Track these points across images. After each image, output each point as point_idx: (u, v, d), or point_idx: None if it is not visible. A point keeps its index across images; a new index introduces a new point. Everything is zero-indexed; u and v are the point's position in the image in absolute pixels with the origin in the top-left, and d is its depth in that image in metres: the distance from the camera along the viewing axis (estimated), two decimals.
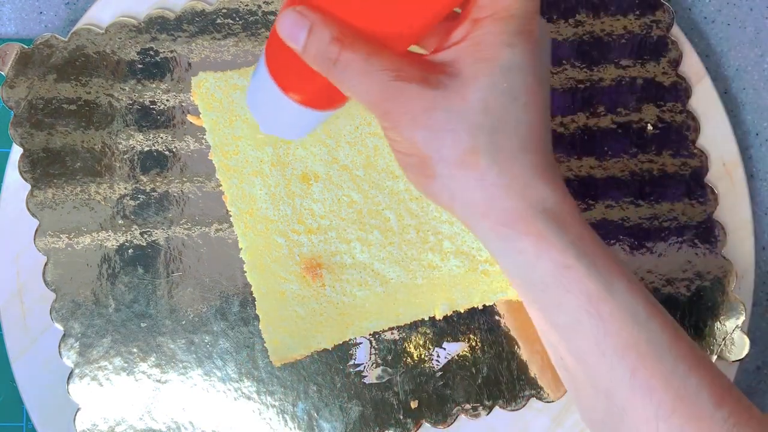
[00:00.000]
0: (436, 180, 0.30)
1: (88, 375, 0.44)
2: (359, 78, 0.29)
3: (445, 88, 0.29)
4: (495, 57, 0.29)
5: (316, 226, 0.42)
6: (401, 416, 0.44)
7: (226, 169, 0.42)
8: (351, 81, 0.29)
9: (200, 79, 0.41)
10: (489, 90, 0.29)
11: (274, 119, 0.34)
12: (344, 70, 0.29)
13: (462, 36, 0.30)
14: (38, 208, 0.44)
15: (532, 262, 0.30)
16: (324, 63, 0.29)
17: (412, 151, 0.30)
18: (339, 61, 0.29)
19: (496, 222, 0.30)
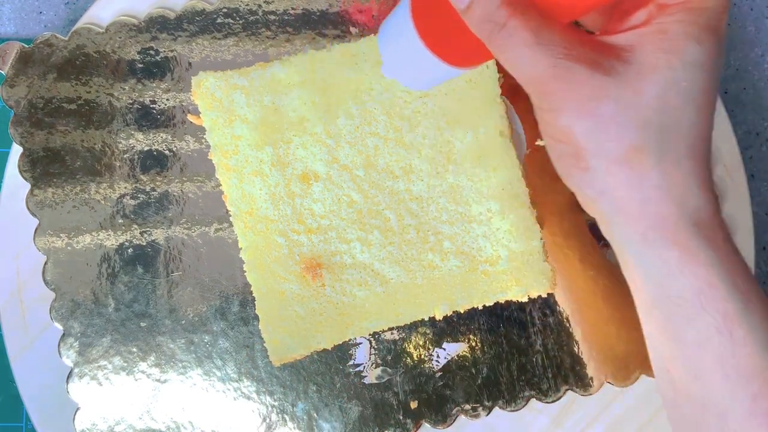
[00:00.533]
0: (588, 173, 0.28)
1: (87, 374, 0.44)
2: (524, 50, 0.26)
3: (618, 76, 0.27)
4: (680, 50, 0.26)
5: (316, 226, 0.42)
6: (401, 416, 0.44)
7: (225, 169, 0.42)
8: (514, 51, 0.26)
9: (200, 79, 0.41)
10: (667, 86, 0.26)
11: (403, 65, 0.32)
12: (509, 38, 0.26)
13: (644, 20, 0.27)
14: (38, 207, 0.44)
15: (674, 273, 0.28)
16: (487, 27, 0.26)
17: (566, 139, 0.28)
18: (506, 27, 0.26)
19: (646, 226, 0.28)
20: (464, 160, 0.41)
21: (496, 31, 0.26)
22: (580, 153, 0.28)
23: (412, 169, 0.41)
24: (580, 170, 0.28)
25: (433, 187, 0.41)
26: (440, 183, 0.41)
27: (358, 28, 0.44)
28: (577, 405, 0.45)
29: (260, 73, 0.41)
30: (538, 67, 0.27)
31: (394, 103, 0.41)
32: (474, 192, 0.41)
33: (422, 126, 0.41)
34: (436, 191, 0.41)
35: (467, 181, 0.41)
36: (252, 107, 0.41)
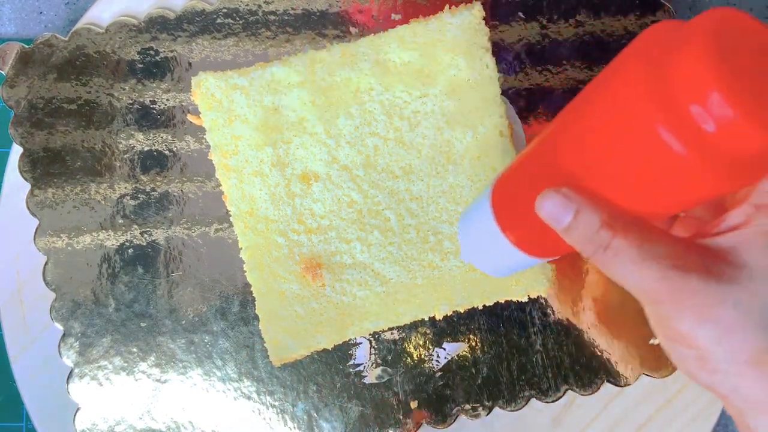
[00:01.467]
0: (717, 375, 0.28)
1: (87, 374, 0.44)
2: (631, 266, 0.27)
3: (730, 281, 0.27)
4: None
5: (316, 226, 0.42)
6: (401, 416, 0.44)
7: (225, 169, 0.42)
8: (622, 269, 0.27)
9: (200, 79, 0.41)
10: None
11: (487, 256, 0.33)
12: (615, 257, 0.27)
13: (742, 221, 0.27)
14: (38, 207, 0.44)
15: None
16: (590, 247, 0.27)
17: (688, 343, 0.28)
18: (610, 248, 0.27)
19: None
20: (464, 160, 0.41)
21: (600, 252, 0.27)
22: (706, 356, 0.28)
23: (412, 169, 0.41)
24: (708, 372, 0.28)
25: (433, 187, 0.41)
26: (440, 183, 0.41)
27: (358, 28, 0.44)
28: (576, 405, 0.45)
29: (260, 74, 0.41)
30: (648, 281, 0.27)
31: (394, 103, 0.41)
32: (474, 192, 0.41)
33: (422, 126, 0.41)
34: (436, 191, 0.41)
35: (467, 181, 0.41)
36: (252, 107, 0.41)
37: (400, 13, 0.44)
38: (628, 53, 0.26)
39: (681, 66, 0.23)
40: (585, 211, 0.27)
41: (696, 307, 0.27)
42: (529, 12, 0.44)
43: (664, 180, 0.25)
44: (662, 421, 0.45)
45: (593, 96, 0.27)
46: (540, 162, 0.30)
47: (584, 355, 0.44)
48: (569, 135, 0.28)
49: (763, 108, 0.23)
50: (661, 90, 0.24)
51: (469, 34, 0.41)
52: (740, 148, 0.24)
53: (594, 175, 0.27)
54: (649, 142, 0.24)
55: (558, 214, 0.28)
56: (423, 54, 0.41)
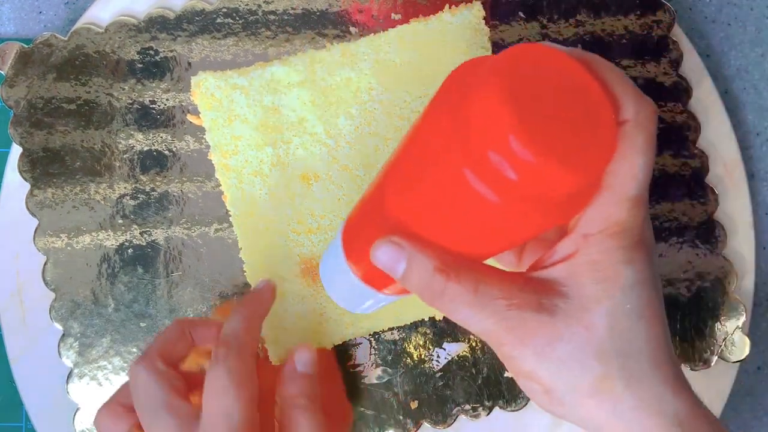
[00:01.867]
0: (564, 407, 0.29)
1: (87, 375, 0.44)
2: (469, 310, 0.27)
3: (564, 315, 0.27)
4: (615, 277, 0.27)
5: (316, 226, 0.42)
6: (401, 416, 0.44)
7: (225, 169, 0.42)
8: (460, 312, 0.28)
9: (200, 79, 0.41)
10: (613, 314, 0.27)
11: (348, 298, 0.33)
12: (451, 302, 0.27)
13: (571, 251, 0.27)
14: (38, 207, 0.44)
15: None
16: (427, 293, 0.28)
17: (534, 380, 0.28)
18: (445, 294, 0.27)
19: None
20: None
21: (437, 298, 0.27)
22: (551, 391, 0.28)
23: None
24: (556, 405, 0.29)
25: None
26: None
27: (358, 27, 0.44)
28: None
29: (260, 73, 0.41)
30: (487, 323, 0.27)
31: (394, 103, 0.41)
32: None
33: None
34: None
35: None
36: (252, 107, 0.41)
37: (400, 13, 0.44)
38: (437, 95, 0.26)
39: (476, 112, 0.23)
40: (416, 259, 0.27)
41: (534, 346, 0.27)
42: (529, 12, 0.44)
43: (485, 224, 0.25)
44: None
45: (410, 143, 0.27)
46: (374, 206, 0.29)
47: None
48: (392, 182, 0.28)
49: (563, 148, 0.23)
50: (463, 136, 0.23)
51: (469, 34, 0.41)
52: (549, 191, 0.23)
53: (420, 221, 0.27)
54: (460, 188, 0.24)
55: (392, 264, 0.28)
56: (423, 54, 0.41)
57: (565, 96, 0.24)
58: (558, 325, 0.27)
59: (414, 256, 0.27)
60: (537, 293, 0.27)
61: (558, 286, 0.27)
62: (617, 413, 0.28)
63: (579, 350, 0.27)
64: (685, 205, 0.45)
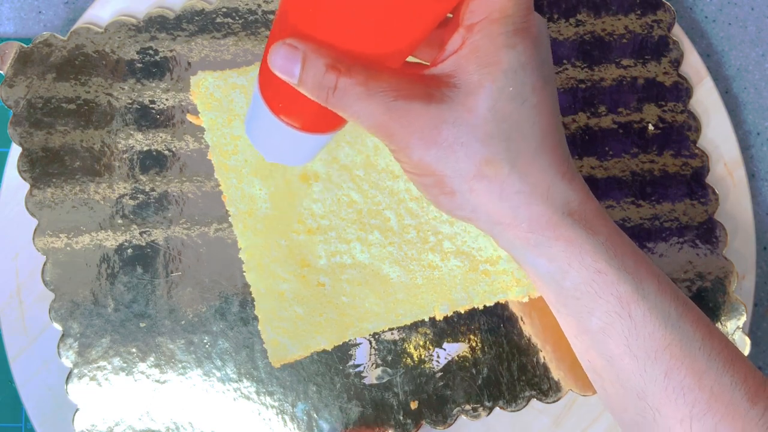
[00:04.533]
0: (455, 196, 0.29)
1: (87, 375, 0.44)
2: (359, 103, 0.28)
3: (450, 101, 0.28)
4: (497, 61, 0.28)
5: (316, 226, 0.42)
6: (401, 417, 0.44)
7: (225, 169, 0.42)
8: (352, 107, 0.28)
9: (199, 79, 0.41)
10: (496, 96, 0.28)
11: (276, 148, 0.33)
12: (343, 97, 0.28)
13: (458, 44, 0.28)
14: (37, 207, 0.44)
15: (564, 268, 0.29)
16: (321, 92, 0.28)
17: (425, 172, 0.29)
18: (337, 89, 0.28)
19: (524, 230, 0.29)
20: None
21: (330, 93, 0.28)
22: (442, 180, 0.29)
23: None
24: (447, 195, 0.30)
25: None
26: None
27: None
28: (577, 405, 0.45)
29: None
30: (376, 115, 0.28)
31: None
32: None
33: None
34: None
35: None
36: None
37: None
38: None
39: None
40: (310, 58, 0.28)
41: (420, 131, 0.28)
42: None
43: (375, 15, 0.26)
44: None
45: None
46: (276, 25, 0.30)
47: None
48: None
49: None
50: None
51: None
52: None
53: (315, 22, 0.27)
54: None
55: (288, 66, 0.28)
56: None
57: None
58: (443, 111, 0.28)
59: (308, 54, 0.28)
60: (427, 86, 0.28)
61: (447, 78, 0.28)
62: (504, 197, 0.28)
63: (463, 133, 0.28)
64: (686, 204, 0.45)
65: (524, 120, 0.28)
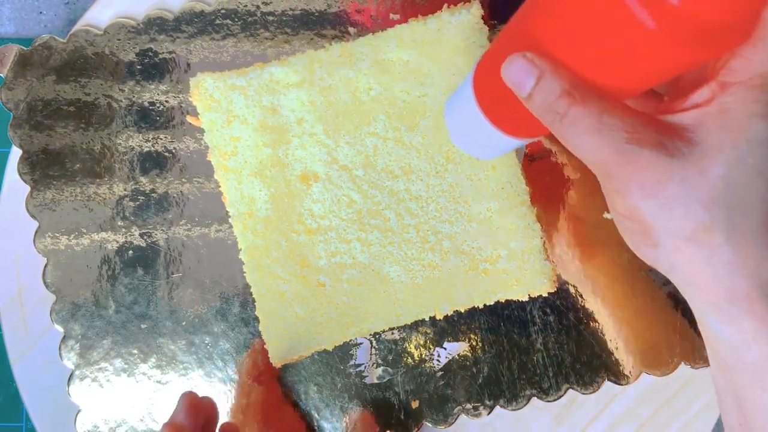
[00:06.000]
0: (657, 249, 0.28)
1: (88, 376, 0.44)
2: (587, 136, 0.27)
3: (683, 158, 0.26)
4: (744, 128, 0.26)
5: (315, 227, 0.42)
6: (402, 416, 0.44)
7: (224, 170, 0.42)
8: (577, 138, 0.27)
9: (199, 80, 0.41)
10: (733, 165, 0.26)
11: (471, 139, 0.33)
12: (571, 126, 0.27)
13: (706, 98, 0.27)
14: (38, 209, 0.44)
15: (749, 343, 0.28)
16: (548, 115, 0.27)
17: (634, 218, 0.28)
18: (567, 117, 0.27)
19: (720, 298, 0.28)
20: (463, 160, 0.41)
21: (557, 120, 0.27)
22: (649, 231, 0.28)
23: (411, 168, 0.41)
24: (650, 246, 0.29)
25: (432, 187, 0.41)
26: (440, 182, 0.41)
27: (357, 28, 0.44)
28: (577, 404, 0.45)
29: (259, 74, 0.41)
30: (603, 152, 0.27)
31: (393, 103, 0.41)
32: (473, 191, 0.41)
33: (421, 126, 0.41)
34: (435, 191, 0.41)
35: (466, 180, 0.41)
36: (251, 108, 0.41)
37: (399, 13, 0.44)
38: None
39: None
40: (547, 77, 0.27)
41: (644, 181, 0.27)
42: None
43: (629, 49, 0.25)
44: (663, 420, 0.45)
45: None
46: (512, 33, 0.29)
47: (585, 353, 0.44)
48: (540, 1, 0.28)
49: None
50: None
51: (468, 33, 0.41)
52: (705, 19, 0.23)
53: (561, 43, 0.27)
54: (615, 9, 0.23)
55: (521, 79, 0.27)
56: (422, 53, 0.41)
57: None
58: (673, 166, 0.27)
59: (546, 73, 0.27)
60: (660, 133, 0.27)
61: (684, 131, 0.27)
62: (710, 264, 0.27)
63: (688, 194, 0.27)
64: None
65: (753, 194, 0.27)
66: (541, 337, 0.44)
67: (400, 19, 0.44)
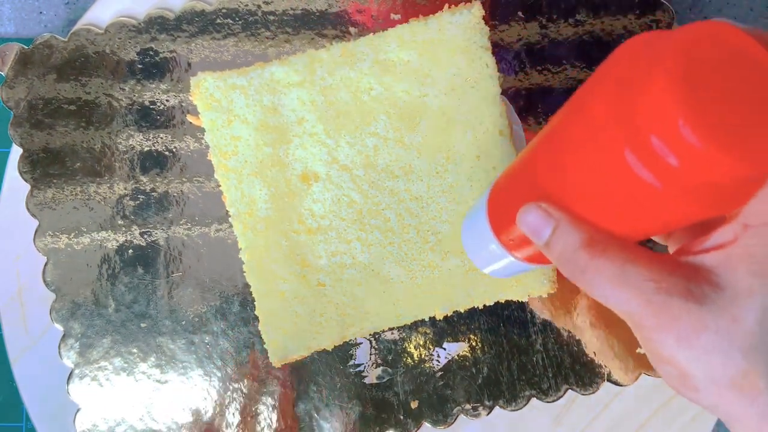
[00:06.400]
0: (699, 393, 0.28)
1: (88, 375, 0.44)
2: (612, 289, 0.26)
3: (713, 304, 0.26)
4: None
5: (316, 226, 0.42)
6: (401, 416, 0.44)
7: (225, 170, 0.42)
8: (603, 290, 0.27)
9: (199, 80, 0.41)
10: (766, 309, 0.26)
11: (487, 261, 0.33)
12: (594, 278, 0.27)
13: (729, 239, 0.26)
14: (38, 208, 0.44)
15: None
16: (569, 266, 0.27)
17: (672, 365, 0.28)
18: (588, 269, 0.26)
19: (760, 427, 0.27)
20: (464, 160, 0.41)
21: (579, 272, 0.27)
22: (688, 378, 0.28)
23: (411, 168, 0.41)
24: (690, 390, 0.28)
25: (432, 187, 0.41)
26: (440, 182, 0.41)
27: (358, 28, 0.44)
28: (577, 404, 0.45)
29: (259, 73, 0.41)
30: (631, 304, 0.27)
31: (393, 103, 0.41)
32: (474, 191, 0.41)
33: (422, 126, 0.41)
34: (436, 191, 0.41)
35: (467, 180, 0.41)
36: (251, 107, 0.41)
37: (400, 13, 0.44)
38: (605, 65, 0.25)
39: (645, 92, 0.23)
40: (564, 228, 0.27)
41: (678, 331, 0.27)
42: (528, 11, 0.44)
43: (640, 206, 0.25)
44: (662, 420, 0.45)
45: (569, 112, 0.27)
46: (524, 175, 0.29)
47: (585, 354, 0.44)
48: (547, 152, 0.28)
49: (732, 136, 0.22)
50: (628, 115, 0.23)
51: (469, 34, 0.41)
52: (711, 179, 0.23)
53: (572, 195, 0.27)
54: (619, 168, 0.23)
55: (538, 229, 0.27)
56: (422, 53, 0.41)
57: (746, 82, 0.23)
58: (705, 315, 0.26)
59: (562, 224, 0.27)
60: (687, 279, 0.26)
61: (709, 274, 0.27)
62: (755, 406, 0.27)
63: (724, 342, 0.26)
64: None
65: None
66: (540, 337, 0.44)
67: (401, 19, 0.44)
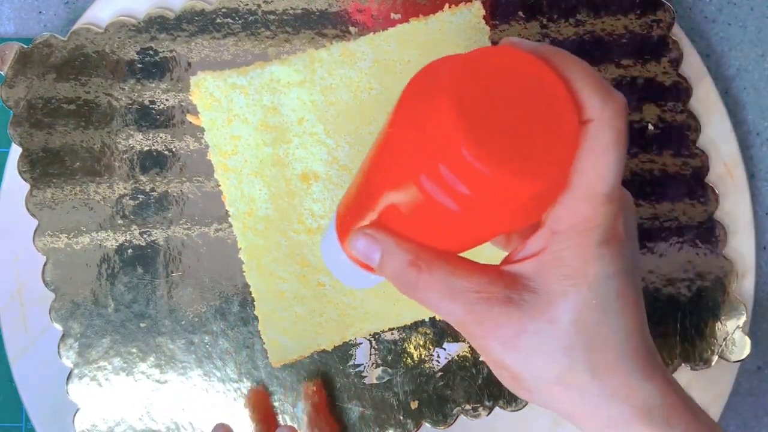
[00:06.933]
0: (533, 393, 0.29)
1: (87, 375, 0.44)
2: (441, 301, 0.28)
3: (531, 308, 0.27)
4: (582, 273, 0.27)
5: (316, 226, 0.42)
6: (401, 417, 0.44)
7: (224, 169, 0.42)
8: (433, 303, 0.28)
9: (199, 79, 0.41)
10: (580, 309, 0.27)
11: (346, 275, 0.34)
12: (425, 293, 0.28)
13: (540, 247, 0.27)
14: (37, 207, 0.44)
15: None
16: (401, 284, 0.29)
17: (503, 369, 0.29)
18: (418, 285, 0.28)
19: (602, 426, 0.29)
20: None
21: (411, 289, 0.28)
22: (519, 379, 0.29)
23: None
24: (524, 390, 0.30)
25: None
26: None
27: (358, 27, 0.44)
28: None
29: (259, 73, 0.41)
30: (458, 314, 0.28)
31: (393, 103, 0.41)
32: None
33: None
34: None
35: None
36: (251, 107, 0.41)
37: (400, 13, 0.44)
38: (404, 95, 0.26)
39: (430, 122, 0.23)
40: (390, 251, 0.28)
41: (501, 337, 0.28)
42: (529, 11, 0.44)
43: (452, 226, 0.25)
44: None
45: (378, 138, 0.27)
46: (356, 193, 0.30)
47: None
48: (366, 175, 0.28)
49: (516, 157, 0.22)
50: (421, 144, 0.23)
51: (469, 33, 0.41)
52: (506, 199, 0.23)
53: (392, 217, 0.27)
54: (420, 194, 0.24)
55: (368, 254, 0.29)
56: (423, 53, 0.41)
57: (524, 100, 0.24)
58: (524, 319, 0.27)
59: (388, 249, 0.28)
60: (506, 287, 0.28)
61: (526, 280, 0.28)
62: (584, 400, 0.28)
63: (544, 343, 0.28)
64: (686, 204, 0.45)
65: (607, 328, 0.27)
66: None
67: (401, 18, 0.44)
